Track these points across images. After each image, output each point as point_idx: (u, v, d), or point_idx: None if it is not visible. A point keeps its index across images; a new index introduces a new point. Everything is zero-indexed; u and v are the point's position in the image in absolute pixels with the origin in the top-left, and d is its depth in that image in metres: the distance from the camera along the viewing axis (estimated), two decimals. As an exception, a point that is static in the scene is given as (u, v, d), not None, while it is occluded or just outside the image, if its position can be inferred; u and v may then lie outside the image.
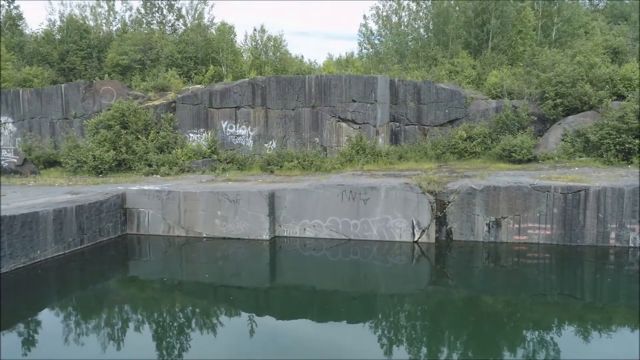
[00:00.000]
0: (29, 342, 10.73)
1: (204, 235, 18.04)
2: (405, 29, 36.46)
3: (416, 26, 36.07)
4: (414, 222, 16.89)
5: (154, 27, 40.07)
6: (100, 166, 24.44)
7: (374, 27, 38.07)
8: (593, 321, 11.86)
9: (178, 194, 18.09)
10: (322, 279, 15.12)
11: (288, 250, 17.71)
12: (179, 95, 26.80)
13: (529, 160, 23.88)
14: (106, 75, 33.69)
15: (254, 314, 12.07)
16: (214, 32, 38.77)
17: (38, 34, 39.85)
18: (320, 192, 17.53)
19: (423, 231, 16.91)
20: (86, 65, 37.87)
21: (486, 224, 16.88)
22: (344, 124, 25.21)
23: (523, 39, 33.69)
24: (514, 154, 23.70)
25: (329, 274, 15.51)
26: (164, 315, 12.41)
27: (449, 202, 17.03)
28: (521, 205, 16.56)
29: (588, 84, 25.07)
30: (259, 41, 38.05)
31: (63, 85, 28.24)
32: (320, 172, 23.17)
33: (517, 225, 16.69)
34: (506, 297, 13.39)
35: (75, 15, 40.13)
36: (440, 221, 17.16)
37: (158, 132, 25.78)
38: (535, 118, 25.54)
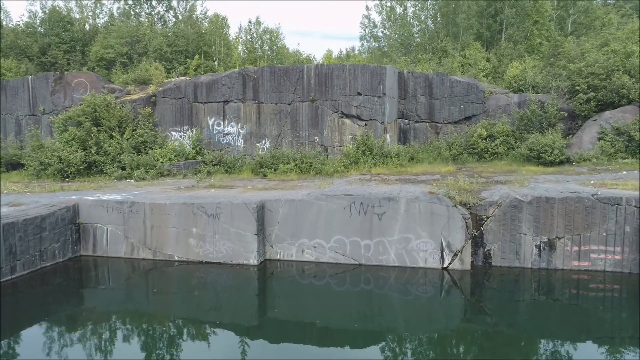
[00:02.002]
0: None
1: (176, 258, 13.42)
2: (412, 20, 31.83)
3: (423, 17, 31.43)
4: (444, 244, 12.32)
5: (143, 19, 35.31)
6: (66, 169, 19.73)
7: (377, 18, 33.48)
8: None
9: (143, 206, 13.45)
10: (324, 314, 10.88)
11: (282, 277, 13.13)
12: (160, 88, 22.12)
13: (561, 162, 19.36)
14: (84, 68, 28.92)
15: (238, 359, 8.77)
16: (206, 25, 34.08)
17: (18, 26, 35.00)
18: (322, 204, 12.95)
19: (455, 255, 12.34)
20: (69, 60, 33.06)
21: (536, 246, 12.31)
22: (347, 121, 20.60)
23: (539, 30, 29.10)
24: (544, 155, 19.15)
25: (333, 308, 11.21)
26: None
27: (488, 218, 12.46)
28: (582, 221, 12.01)
29: (626, 75, 20.56)
30: (254, 34, 33.35)
31: (30, 77, 23.51)
32: (320, 176, 18.59)
33: (576, 248, 12.14)
34: (561, 340, 9.38)
35: (59, 7, 35.31)
36: (476, 242, 12.60)
37: (135, 130, 21.10)
38: (566, 114, 21.01)
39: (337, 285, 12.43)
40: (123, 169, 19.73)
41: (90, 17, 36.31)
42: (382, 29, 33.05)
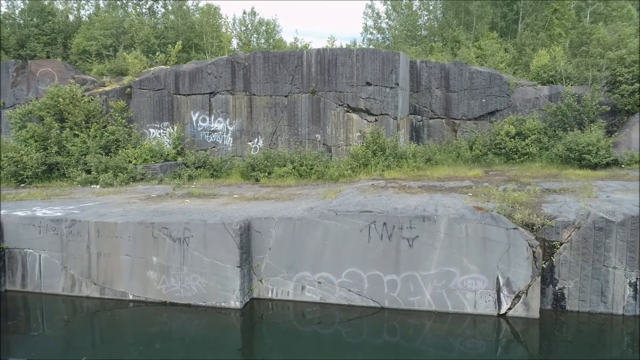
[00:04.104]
0: None
1: (131, 296, 9.31)
2: (418, 11, 27.76)
3: (431, 7, 27.36)
4: (501, 281, 8.28)
5: (130, 10, 31.10)
6: (21, 172, 15.63)
7: (381, 8, 29.44)
8: None
9: (87, 226, 9.35)
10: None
11: (274, 323, 9.05)
12: (137, 79, 17.98)
13: (607, 165, 15.45)
14: (59, 59, 24.67)
15: None
16: (198, 16, 29.93)
17: (-4, 17, 30.67)
18: (330, 224, 8.89)
19: (517, 297, 8.30)
20: (49, 53, 28.79)
21: (630, 284, 8.30)
22: (354, 115, 16.56)
23: (560, 20, 25.10)
24: (587, 156, 15.25)
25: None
26: None
27: (561, 244, 8.44)
28: (697, 251, 8.02)
29: (678, 63, 16.65)
30: (249, 25, 29.21)
31: (-12, 66, 19.30)
32: (323, 182, 14.58)
33: (688, 288, 8.14)
34: None
35: (40, -4, 30.96)
36: (544, 278, 8.57)
37: (104, 127, 16.98)
38: (609, 108, 17.06)
39: (350, 336, 8.41)
40: (88, 172, 15.63)
41: (75, 9, 32.04)
42: (387, 20, 29.01)
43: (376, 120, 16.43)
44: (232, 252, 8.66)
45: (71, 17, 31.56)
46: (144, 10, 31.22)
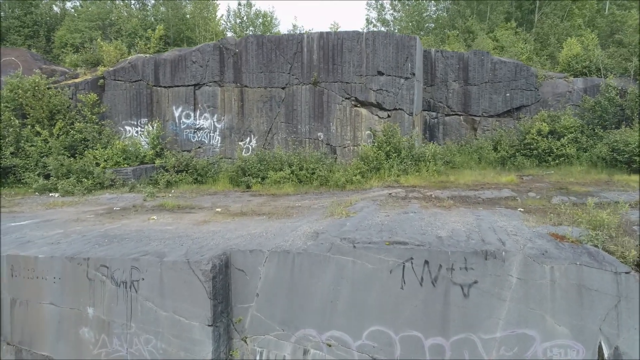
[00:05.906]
0: None
1: (58, 363, 6.22)
2: (426, 1, 24.69)
3: (440, -3, 24.30)
4: (606, 351, 5.23)
5: (118, 2, 27.88)
6: (-31, 177, 12.53)
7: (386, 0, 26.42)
8: None
9: (-3, 261, 6.26)
10: None
11: (264, 403, 5.98)
12: (111, 69, 14.84)
13: (661, 169, 12.45)
14: (32, 50, 21.51)
15: None
16: (190, 8, 26.79)
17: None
18: (345, 262, 5.80)
19: (629, 376, 5.26)
20: (30, 46, 25.59)
21: None
22: (363, 110, 13.48)
23: (581, 9, 22.06)
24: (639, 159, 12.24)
25: None
26: None
27: (691, 294, 5.40)
28: None
29: None
30: (245, 17, 26.08)
31: (-57, 54, 16.12)
32: (327, 189, 11.51)
33: None
34: None
35: (22, -12, 27.69)
36: (666, 343, 5.53)
37: (72, 123, 13.85)
38: (657, 102, 14.05)
39: (374, 423, 5.37)
40: (48, 177, 12.51)
41: (60, 0, 28.82)
42: (392, 11, 25.94)
43: (389, 116, 13.36)
44: (200, 304, 5.57)
45: (56, 9, 28.37)
46: (132, 2, 28.02)
